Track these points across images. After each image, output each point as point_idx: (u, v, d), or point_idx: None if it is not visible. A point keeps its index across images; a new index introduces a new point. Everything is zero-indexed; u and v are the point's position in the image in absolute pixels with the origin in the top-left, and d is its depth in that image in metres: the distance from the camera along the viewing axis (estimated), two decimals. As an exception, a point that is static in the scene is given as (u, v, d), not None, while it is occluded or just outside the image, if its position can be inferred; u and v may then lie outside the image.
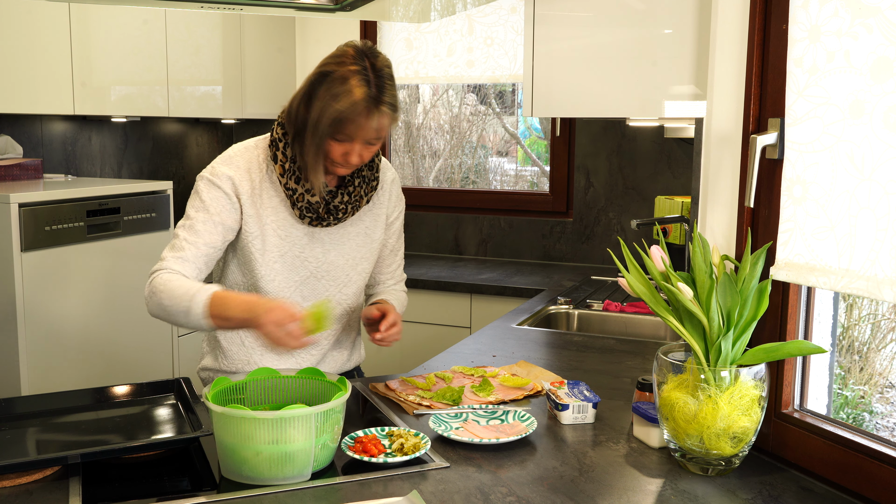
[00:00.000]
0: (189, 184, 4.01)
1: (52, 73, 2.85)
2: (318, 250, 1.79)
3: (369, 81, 1.60)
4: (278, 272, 1.76)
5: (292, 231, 1.76)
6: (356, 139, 1.64)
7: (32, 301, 2.51)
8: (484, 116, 4.14)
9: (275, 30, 4.02)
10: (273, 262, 1.75)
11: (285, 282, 1.78)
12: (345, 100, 1.59)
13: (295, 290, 1.80)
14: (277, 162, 1.71)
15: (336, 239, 1.80)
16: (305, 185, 1.71)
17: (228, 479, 1.35)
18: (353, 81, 1.59)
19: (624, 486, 1.36)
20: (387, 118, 1.64)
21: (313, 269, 1.80)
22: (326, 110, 1.60)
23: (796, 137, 1.35)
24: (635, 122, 3.29)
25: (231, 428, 1.32)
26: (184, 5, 2.03)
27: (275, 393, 1.55)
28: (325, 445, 1.37)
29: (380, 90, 1.61)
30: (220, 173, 1.73)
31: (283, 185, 1.72)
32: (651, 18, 1.88)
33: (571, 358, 2.16)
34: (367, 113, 1.60)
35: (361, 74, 1.60)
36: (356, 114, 1.60)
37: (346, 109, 1.59)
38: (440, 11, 2.59)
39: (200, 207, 1.72)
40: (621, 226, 3.66)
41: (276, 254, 1.75)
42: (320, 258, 1.79)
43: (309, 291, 1.81)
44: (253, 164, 1.74)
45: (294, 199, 1.72)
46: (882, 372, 3.45)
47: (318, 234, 1.78)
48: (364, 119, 1.61)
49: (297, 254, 1.77)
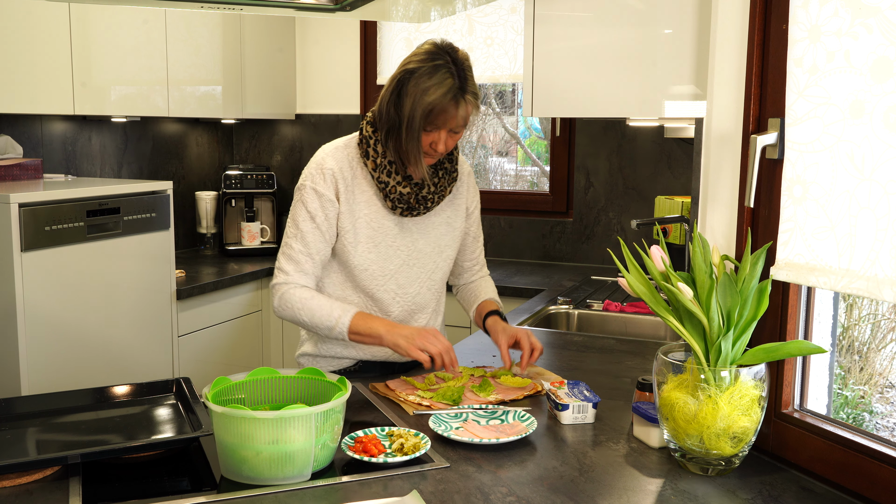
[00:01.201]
0: (189, 184, 4.01)
1: (52, 73, 2.85)
2: (407, 239, 1.94)
3: (453, 74, 1.75)
4: (373, 261, 1.90)
5: (384, 222, 1.90)
6: (443, 128, 1.79)
7: (32, 301, 2.50)
8: (484, 116, 4.13)
9: (275, 30, 4.02)
10: (367, 252, 1.89)
11: (380, 270, 1.92)
12: (434, 92, 1.74)
13: (390, 279, 1.93)
14: (370, 158, 1.86)
15: (423, 228, 1.96)
16: (396, 178, 1.86)
17: (228, 478, 1.35)
18: (439, 75, 1.74)
19: (624, 486, 1.36)
20: (472, 107, 1.80)
21: (405, 258, 1.94)
22: (418, 104, 1.75)
23: (796, 137, 1.35)
24: (635, 122, 3.29)
25: (231, 428, 1.32)
26: (184, 5, 2.03)
27: (274, 392, 1.55)
28: (324, 445, 1.37)
29: (463, 81, 1.76)
30: (325, 169, 1.86)
31: (375, 179, 1.86)
32: (651, 18, 1.88)
33: (571, 358, 2.16)
34: (455, 103, 1.76)
35: (445, 68, 1.75)
36: (446, 104, 1.75)
37: (437, 101, 1.74)
38: (440, 11, 2.59)
39: (307, 218, 1.86)
40: (621, 226, 3.66)
41: (369, 244, 1.90)
42: (410, 247, 1.94)
43: (404, 279, 1.95)
44: (345, 162, 1.88)
45: (387, 192, 1.86)
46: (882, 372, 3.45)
47: (407, 224, 1.93)
48: (454, 108, 1.76)
49: (389, 243, 1.91)
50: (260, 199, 4.02)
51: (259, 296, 3.60)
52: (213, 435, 1.37)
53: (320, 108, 4.19)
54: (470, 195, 2.07)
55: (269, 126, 4.27)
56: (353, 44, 4.05)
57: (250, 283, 3.53)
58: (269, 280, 3.63)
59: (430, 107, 1.74)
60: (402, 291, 1.95)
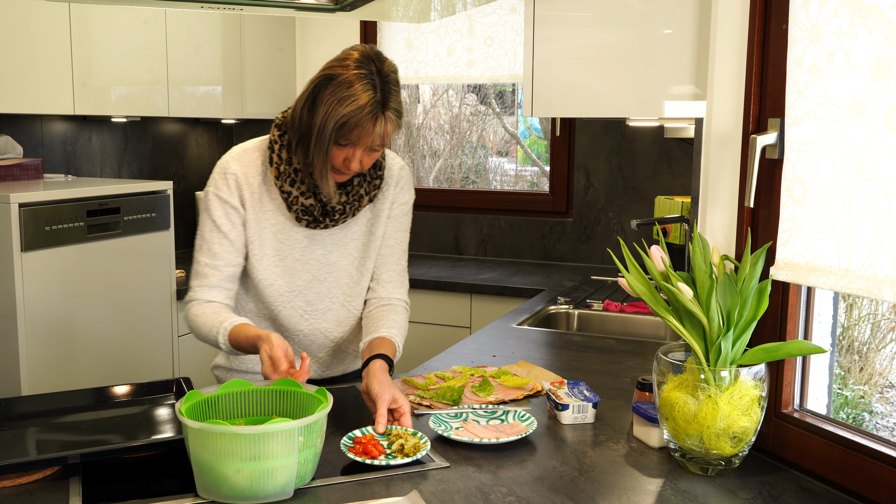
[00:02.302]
0: (189, 184, 4.01)
1: (52, 73, 2.85)
2: (318, 252, 1.77)
3: (375, 86, 1.58)
4: (278, 275, 1.75)
5: (291, 234, 1.74)
6: (359, 145, 1.61)
7: (32, 301, 2.50)
8: (484, 116, 4.14)
9: (275, 30, 4.02)
10: (272, 265, 1.74)
11: (286, 286, 1.76)
12: (350, 104, 1.56)
13: (298, 295, 1.78)
14: (273, 164, 1.70)
15: (338, 239, 1.78)
16: (300, 188, 1.69)
17: (205, 498, 1.28)
18: (359, 86, 1.57)
19: (624, 486, 1.36)
20: (392, 125, 1.62)
21: (315, 272, 1.77)
22: (332, 115, 1.57)
23: (796, 137, 1.35)
24: (635, 122, 3.29)
25: (209, 444, 1.24)
26: (184, 5, 2.03)
27: (249, 406, 1.46)
28: (307, 460, 1.31)
29: (385, 95, 1.59)
30: (228, 173, 1.71)
31: (278, 188, 1.70)
32: (651, 18, 1.88)
33: (571, 358, 2.16)
34: (373, 118, 1.58)
35: (368, 79, 1.58)
36: (361, 119, 1.57)
37: (351, 114, 1.56)
38: (440, 11, 2.59)
39: (213, 228, 1.71)
40: (621, 226, 3.66)
41: (275, 258, 1.74)
42: (321, 260, 1.77)
43: (314, 295, 1.79)
44: (252, 167, 1.73)
45: (290, 202, 1.70)
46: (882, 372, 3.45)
47: (319, 235, 1.76)
48: (370, 124, 1.58)
49: (297, 257, 1.75)
50: (260, 199, 4.02)
51: (259, 296, 3.60)
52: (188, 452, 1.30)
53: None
54: (395, 197, 1.82)
55: (269, 126, 4.26)
56: (353, 44, 4.04)
57: (250, 283, 3.53)
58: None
59: (343, 119, 1.56)
60: (310, 308, 1.79)
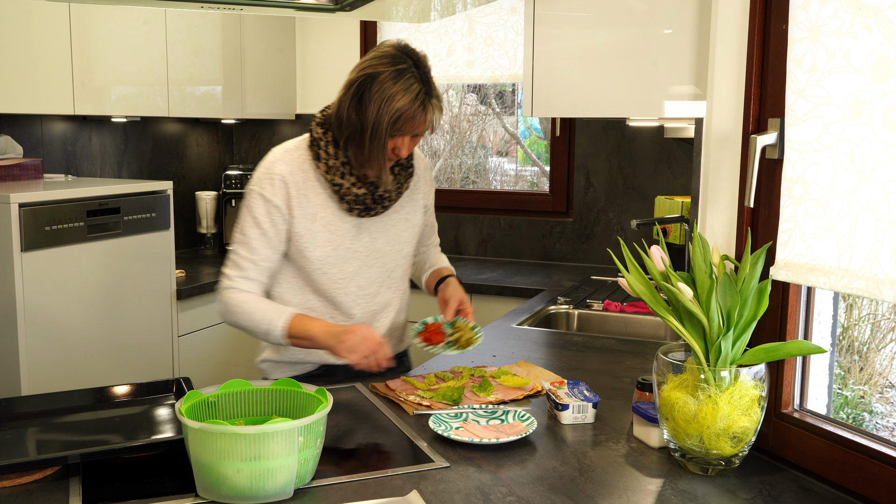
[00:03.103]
0: (189, 184, 4.01)
1: (52, 73, 2.85)
2: (365, 240, 1.89)
3: (418, 78, 1.72)
4: (331, 265, 1.86)
5: (340, 225, 1.86)
6: (408, 134, 1.75)
7: (32, 301, 2.51)
8: (484, 116, 4.14)
9: (275, 30, 4.01)
10: (326, 255, 1.85)
11: (339, 274, 1.87)
12: (401, 99, 1.69)
13: (350, 281, 1.89)
14: (321, 160, 1.81)
15: (381, 227, 1.92)
16: (350, 180, 1.81)
17: (205, 497, 1.29)
18: (405, 80, 1.70)
19: (624, 486, 1.36)
20: (438, 111, 1.77)
21: (364, 259, 1.90)
22: (384, 110, 1.69)
23: (796, 137, 1.35)
24: (635, 122, 3.29)
25: (209, 444, 1.25)
26: (184, 5, 2.03)
27: (249, 406, 1.47)
28: (307, 460, 1.31)
29: (428, 85, 1.74)
30: (274, 174, 1.81)
31: (329, 182, 1.81)
32: (651, 18, 1.88)
33: (571, 358, 2.16)
34: (423, 108, 1.72)
35: (410, 72, 1.71)
36: (414, 111, 1.71)
37: (405, 107, 1.70)
38: (440, 11, 2.59)
39: (253, 224, 1.81)
40: (621, 226, 3.66)
41: (327, 248, 1.85)
42: (368, 247, 1.90)
43: (364, 280, 1.91)
44: (296, 165, 1.83)
45: (342, 194, 1.81)
46: (882, 372, 3.45)
47: (365, 224, 1.89)
48: (422, 114, 1.73)
49: (347, 246, 1.87)
50: (260, 199, 4.02)
51: (259, 296, 3.60)
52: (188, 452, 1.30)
53: (320, 108, 4.18)
54: (426, 190, 2.04)
55: (269, 126, 4.27)
56: (353, 44, 4.04)
57: (250, 283, 3.53)
58: (269, 280, 3.63)
59: (398, 113, 1.69)
60: (362, 293, 1.91)
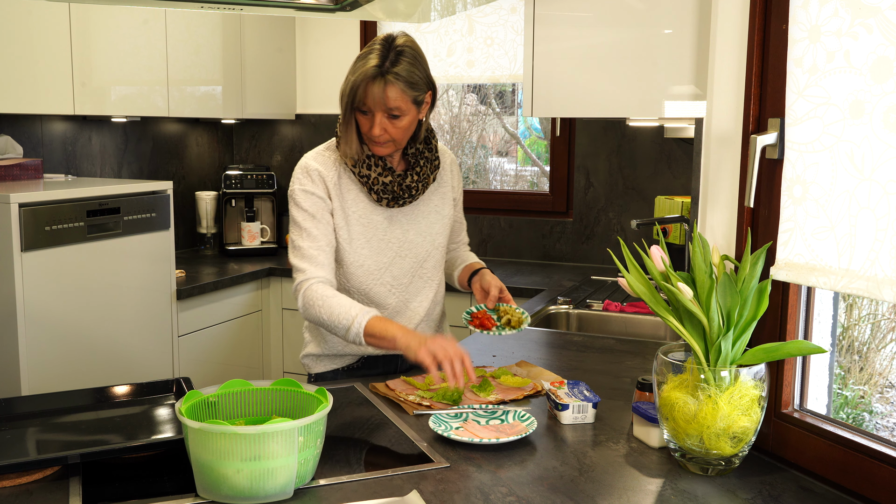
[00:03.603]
0: (189, 183, 4.01)
1: (52, 73, 2.85)
2: (397, 232, 1.97)
3: (380, 55, 1.79)
4: (366, 257, 1.94)
5: (373, 217, 1.94)
6: (373, 109, 1.80)
7: (32, 301, 2.50)
8: (484, 116, 4.14)
9: (275, 30, 4.01)
10: (360, 248, 1.93)
11: (374, 265, 1.95)
12: (357, 72, 1.79)
13: (385, 272, 1.96)
14: (347, 155, 1.90)
15: (412, 219, 1.99)
16: (377, 170, 1.90)
17: (205, 497, 1.29)
18: (368, 57, 1.79)
19: (624, 486, 1.36)
20: (395, 88, 1.78)
21: (397, 250, 1.97)
22: (347, 83, 1.81)
23: (796, 137, 1.35)
24: (635, 122, 3.29)
25: (209, 444, 1.25)
26: (184, 5, 2.03)
27: (249, 406, 1.47)
28: (307, 460, 1.31)
29: (391, 62, 1.78)
30: (311, 169, 1.90)
31: (357, 175, 1.90)
32: (651, 18, 1.88)
33: (571, 358, 2.16)
34: (374, 80, 1.77)
35: (378, 51, 1.80)
36: (366, 82, 1.77)
37: (357, 80, 1.78)
38: (440, 11, 2.59)
39: (306, 216, 1.89)
40: (621, 226, 3.66)
41: (361, 240, 1.93)
42: (401, 238, 1.97)
43: (398, 271, 1.98)
44: (328, 163, 1.92)
45: (370, 185, 1.90)
46: (882, 372, 3.45)
47: (396, 216, 1.96)
48: (372, 85, 1.78)
49: (380, 237, 1.95)
50: (260, 199, 4.02)
51: (259, 296, 3.60)
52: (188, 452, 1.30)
53: (320, 108, 4.19)
54: (455, 183, 2.10)
55: (269, 126, 4.27)
56: (353, 44, 4.04)
57: (250, 283, 3.53)
58: (269, 280, 3.63)
59: (353, 85, 1.79)
60: (396, 283, 1.98)
